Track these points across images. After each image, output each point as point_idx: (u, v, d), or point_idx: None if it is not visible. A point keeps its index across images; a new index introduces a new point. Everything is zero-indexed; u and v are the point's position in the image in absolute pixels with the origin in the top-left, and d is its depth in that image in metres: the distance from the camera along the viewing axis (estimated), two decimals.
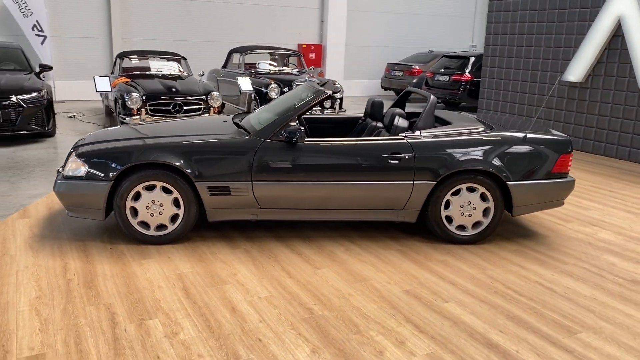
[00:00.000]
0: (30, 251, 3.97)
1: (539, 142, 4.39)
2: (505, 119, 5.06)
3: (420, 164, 4.21)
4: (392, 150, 4.21)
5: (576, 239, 4.60)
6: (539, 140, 4.40)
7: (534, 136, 4.42)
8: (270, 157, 4.12)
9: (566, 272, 3.93)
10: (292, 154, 4.14)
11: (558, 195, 4.46)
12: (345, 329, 3.05)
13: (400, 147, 4.22)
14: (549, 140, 4.42)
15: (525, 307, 3.36)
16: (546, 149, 4.37)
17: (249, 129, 4.34)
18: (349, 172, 4.16)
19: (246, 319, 3.11)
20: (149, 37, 13.42)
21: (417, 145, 4.24)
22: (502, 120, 4.96)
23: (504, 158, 4.27)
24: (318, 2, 15.41)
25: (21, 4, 11.80)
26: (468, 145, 4.28)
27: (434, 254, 4.18)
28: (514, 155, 4.30)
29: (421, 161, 4.21)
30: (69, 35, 12.69)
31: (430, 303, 3.38)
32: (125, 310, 3.17)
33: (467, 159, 4.23)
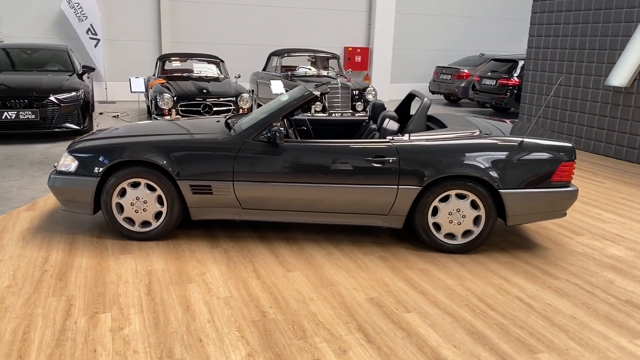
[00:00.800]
0: (21, 242, 4.15)
1: (537, 148, 4.14)
2: (515, 125, 4.81)
3: (405, 168, 4.06)
4: (375, 153, 4.09)
5: (580, 253, 4.29)
6: (536, 146, 4.15)
7: (532, 142, 4.17)
8: (251, 158, 4.11)
9: (554, 287, 3.67)
10: (273, 155, 4.10)
11: (558, 205, 4.18)
12: (292, 333, 2.98)
13: (384, 151, 4.10)
14: (548, 147, 4.16)
15: (492, 323, 3.16)
16: (545, 156, 4.11)
17: (236, 129, 4.35)
18: (330, 174, 4.08)
19: (195, 319, 3.10)
20: (196, 41, 13.80)
21: (403, 149, 4.10)
22: (509, 125, 4.71)
23: (496, 164, 4.06)
24: (366, 4, 15.31)
25: (77, 9, 12.43)
26: (457, 150, 4.09)
27: (416, 262, 4.02)
28: (507, 162, 4.07)
29: (406, 165, 4.06)
30: (121, 39, 13.25)
31: (391, 312, 3.25)
32: (84, 302, 3.25)
33: (455, 165, 4.04)
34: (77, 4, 12.43)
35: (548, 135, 4.39)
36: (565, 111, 9.13)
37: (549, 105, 9.44)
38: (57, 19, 12.67)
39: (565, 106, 9.13)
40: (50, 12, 12.61)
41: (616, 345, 2.98)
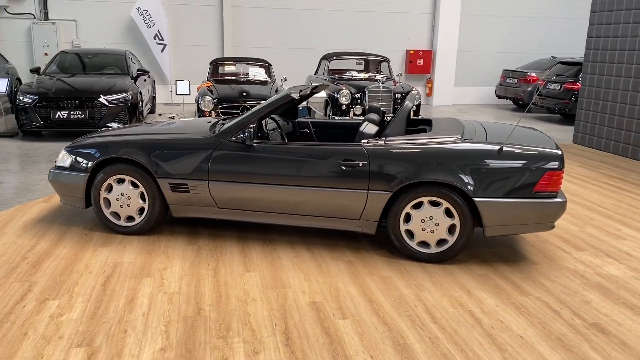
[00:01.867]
0: (19, 231, 4.49)
1: (518, 156, 3.88)
2: (513, 130, 4.55)
3: (375, 173, 3.97)
4: (345, 156, 4.03)
5: (570, 270, 3.98)
6: (518, 153, 3.89)
7: (513, 149, 3.92)
8: (225, 158, 4.19)
9: (517, 304, 3.43)
10: (246, 156, 4.16)
11: (541, 217, 3.89)
12: (215, 332, 3.01)
13: (354, 154, 4.03)
14: (531, 154, 3.89)
15: (426, 336, 3.02)
16: (527, 164, 3.85)
17: (217, 130, 4.45)
18: (300, 176, 4.07)
19: (132, 311, 3.22)
20: (256, 45, 14.17)
21: (373, 153, 4.01)
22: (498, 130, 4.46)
23: (472, 171, 3.86)
24: (429, 6, 14.99)
25: (145, 15, 13.19)
26: (430, 155, 3.93)
27: (382, 268, 3.91)
28: (484, 169, 3.86)
29: (376, 169, 3.97)
30: (186, 44, 13.88)
31: (326, 318, 3.19)
32: (42, 289, 3.47)
33: (427, 170, 3.89)
34: (146, 11, 13.18)
35: (541, 142, 4.11)
36: (623, 118, 8.44)
37: (606, 111, 8.77)
38: (128, 25, 13.50)
39: (622, 112, 8.45)
40: (122, 19, 13.47)
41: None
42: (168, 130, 4.64)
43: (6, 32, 13.06)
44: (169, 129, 4.70)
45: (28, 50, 13.20)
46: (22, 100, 8.36)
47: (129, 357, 2.76)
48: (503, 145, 3.94)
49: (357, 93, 9.63)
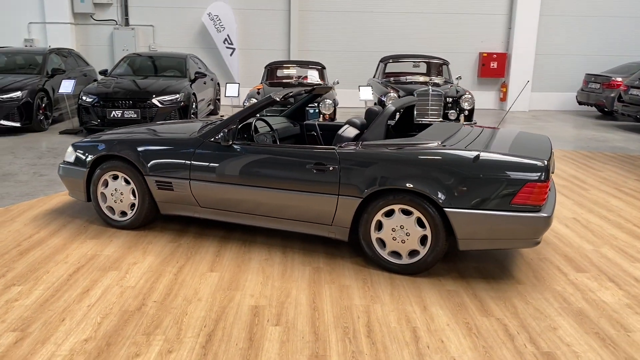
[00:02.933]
0: (28, 220, 4.84)
1: (496, 165, 3.59)
2: (514, 137, 4.24)
3: (345, 178, 3.85)
4: (317, 160, 3.94)
5: (554, 293, 3.62)
6: (495, 163, 3.60)
7: (490, 157, 3.63)
8: (205, 158, 4.25)
9: (470, 325, 3.17)
10: (222, 156, 4.19)
11: (521, 232, 3.57)
12: (143, 328, 3.06)
13: (325, 158, 3.93)
14: (510, 164, 3.58)
15: (350, 350, 2.88)
16: (505, 174, 3.55)
17: (202, 130, 4.52)
18: (273, 178, 4.04)
19: (81, 301, 3.35)
20: (321, 49, 14.24)
21: (345, 157, 3.88)
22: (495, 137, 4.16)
23: (445, 180, 3.62)
24: (506, 7, 14.29)
25: (216, 20, 13.72)
26: (402, 161, 3.74)
27: (346, 277, 3.77)
28: (458, 178, 3.61)
29: (346, 174, 3.85)
30: (254, 48, 14.26)
31: (259, 323, 3.14)
32: (15, 275, 3.71)
33: (397, 177, 3.71)
34: (217, 16, 13.71)
35: (533, 151, 3.77)
36: None
37: None
38: (200, 30, 14.10)
39: None
40: (194, 24, 14.09)
41: None
42: (164, 130, 4.79)
43: (92, 37, 14.12)
44: (166, 129, 4.84)
45: (109, 54, 14.18)
46: (84, 100, 9.00)
47: (52, 344, 2.88)
48: (479, 152, 3.66)
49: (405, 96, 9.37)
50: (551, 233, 4.76)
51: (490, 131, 4.49)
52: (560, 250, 4.37)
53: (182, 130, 4.73)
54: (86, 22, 14.03)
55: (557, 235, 4.70)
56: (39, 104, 9.49)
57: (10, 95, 9.04)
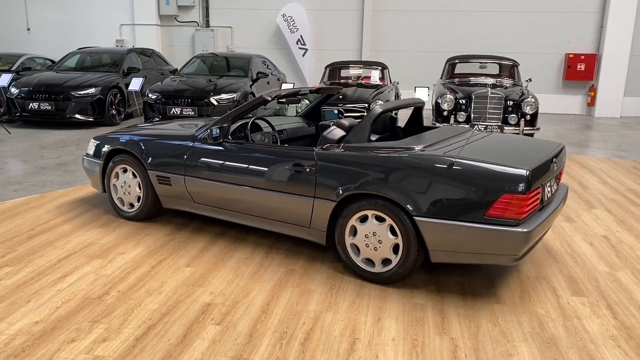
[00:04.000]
0: (53, 207, 5.20)
1: (471, 173, 3.33)
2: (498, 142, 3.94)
3: (321, 180, 3.76)
4: (296, 160, 3.88)
5: (533, 316, 3.30)
6: (470, 171, 3.34)
7: (466, 164, 3.37)
8: (197, 155, 4.34)
9: (418, 342, 2.97)
10: (214, 154, 4.25)
11: (496, 247, 3.29)
12: (93, 316, 3.18)
13: (304, 159, 3.86)
14: (485, 172, 3.30)
15: (276, 356, 2.81)
16: (480, 183, 3.29)
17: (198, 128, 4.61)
18: (257, 177, 4.04)
19: (55, 285, 3.55)
20: (394, 49, 14.00)
21: (322, 159, 3.79)
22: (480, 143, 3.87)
23: (417, 186, 3.42)
24: (597, 5, 13.23)
25: (289, 21, 13.95)
26: (375, 166, 3.59)
27: (316, 282, 3.69)
28: (431, 185, 3.40)
29: (322, 176, 3.76)
30: (326, 48, 14.32)
31: (202, 321, 3.15)
32: (13, 257, 4.00)
33: (369, 181, 3.57)
34: (290, 17, 13.93)
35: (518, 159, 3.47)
36: None
37: None
38: (274, 31, 14.41)
39: None
40: (270, 26, 14.41)
41: None
42: (171, 127, 4.94)
43: (175, 38, 14.91)
44: (173, 126, 4.99)
45: (191, 54, 14.88)
46: (149, 97, 9.52)
47: (5, 323, 3.08)
48: (454, 159, 3.41)
49: (463, 99, 8.97)
50: (568, 250, 4.34)
51: (495, 136, 4.18)
52: (567, 269, 3.97)
53: (183, 127, 4.85)
54: (170, 24, 14.83)
55: (573, 253, 4.28)
56: (111, 100, 10.18)
57: (85, 91, 9.77)
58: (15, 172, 6.57)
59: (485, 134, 4.29)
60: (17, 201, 5.38)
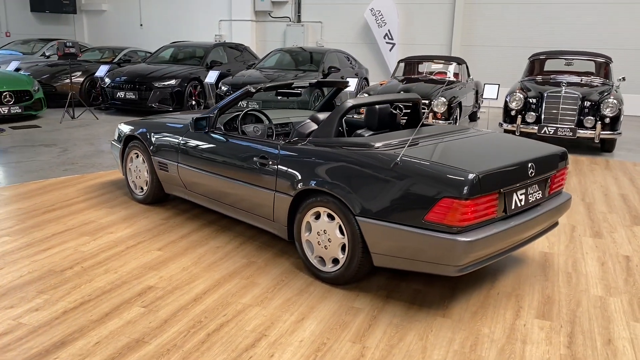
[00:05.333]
0: (84, 186, 5.64)
1: (414, 173, 3.09)
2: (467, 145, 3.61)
3: (281, 173, 3.72)
4: (261, 153, 3.87)
5: (471, 336, 2.99)
6: (413, 171, 3.10)
7: (410, 164, 3.14)
8: (187, 144, 4.48)
9: (322, 347, 2.84)
10: (200, 143, 4.37)
11: (434, 255, 3.03)
12: (43, 287, 3.42)
13: (269, 152, 3.83)
14: (427, 173, 3.05)
15: (173, 345, 2.83)
16: (420, 184, 3.05)
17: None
18: (229, 168, 4.09)
19: (31, 257, 3.87)
20: (486, 44, 13.26)
21: (284, 153, 3.74)
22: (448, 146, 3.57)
23: (361, 185, 3.26)
24: None
25: (377, 15, 13.78)
26: (327, 161, 3.47)
27: (265, 277, 3.65)
28: (374, 184, 3.22)
29: (282, 171, 3.71)
30: (414, 43, 13.94)
31: (129, 302, 3.26)
32: (17, 229, 4.42)
33: (318, 177, 3.46)
34: (379, 11, 13.76)
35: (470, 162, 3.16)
36: None
37: None
38: (362, 25, 14.31)
39: None
40: (358, 20, 14.33)
41: None
42: (179, 117, 5.13)
43: (268, 33, 15.37)
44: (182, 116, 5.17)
45: None
46: (221, 89, 9.95)
47: None
48: (399, 157, 3.19)
49: (534, 98, 8.28)
50: (568, 268, 3.87)
51: (487, 136, 3.85)
52: (551, 289, 3.55)
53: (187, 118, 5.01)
54: (264, 20, 15.31)
55: (572, 272, 3.81)
56: (190, 92, 10.77)
57: (165, 83, 10.44)
58: (76, 153, 7.21)
59: (477, 134, 3.95)
60: (58, 179, 5.91)
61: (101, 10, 16.98)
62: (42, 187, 5.60)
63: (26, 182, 5.79)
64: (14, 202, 5.07)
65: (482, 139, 3.77)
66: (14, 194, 5.33)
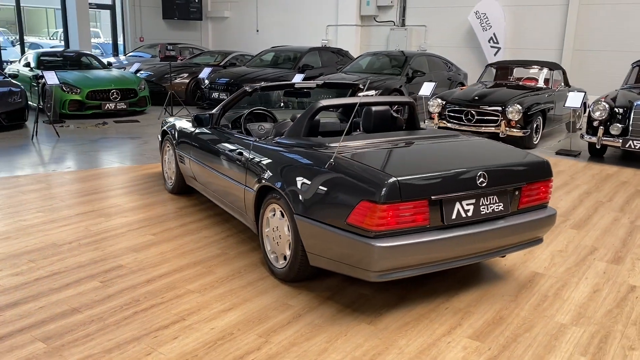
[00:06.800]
0: (131, 176, 6.22)
1: (342, 173, 3.07)
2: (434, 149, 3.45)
3: (249, 169, 3.86)
4: (239, 149, 4.04)
5: (381, 352, 2.90)
6: (343, 171, 3.07)
7: (341, 164, 3.11)
8: (197, 138, 4.78)
9: (227, 337, 2.92)
10: (203, 139, 4.65)
11: (353, 259, 2.97)
12: (34, 256, 3.91)
13: (244, 147, 4.00)
14: (353, 175, 3.01)
15: (95, 316, 3.11)
16: (346, 186, 3.02)
17: None
18: (220, 162, 4.30)
19: (47, 231, 4.40)
20: (602, 49, 12.09)
21: (254, 149, 3.88)
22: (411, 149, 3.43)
23: (301, 183, 3.30)
24: None
25: (482, 18, 13.22)
26: (278, 159, 3.56)
27: (225, 268, 3.80)
28: (311, 182, 3.23)
29: (250, 166, 3.85)
30: (522, 47, 13.13)
31: (92, 277, 3.60)
32: (51, 208, 5.04)
33: (271, 174, 3.55)
34: (484, 14, 13.19)
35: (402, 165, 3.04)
36: None
37: None
38: (467, 29, 13.80)
39: None
40: (462, 24, 13.85)
41: None
42: None
43: (373, 38, 15.44)
44: None
45: None
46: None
47: None
48: (332, 158, 3.16)
49: (621, 107, 7.44)
50: (549, 290, 3.52)
51: (467, 141, 3.66)
52: (510, 310, 3.26)
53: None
54: (369, 24, 15.40)
55: (548, 295, 3.46)
56: None
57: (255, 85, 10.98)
58: (149, 146, 7.92)
59: (459, 140, 3.74)
60: (115, 167, 6.57)
61: (224, 17, 18.26)
62: (99, 174, 6.27)
63: (90, 168, 6.51)
64: (66, 185, 5.77)
65: (452, 145, 3.57)
66: (72, 178, 6.05)
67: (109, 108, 10.32)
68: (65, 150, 7.44)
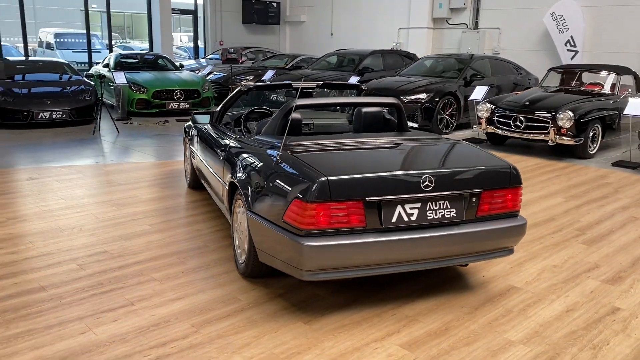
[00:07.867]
0: (162, 170, 6.55)
1: (284, 172, 3.10)
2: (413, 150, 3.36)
3: (226, 165, 3.97)
4: (221, 145, 4.16)
5: (300, 353, 2.88)
6: (284, 170, 3.10)
7: (285, 163, 3.13)
8: (200, 135, 4.97)
9: (160, 320, 3.04)
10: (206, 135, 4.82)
11: (285, 255, 2.98)
12: (39, 238, 4.26)
13: (224, 144, 4.11)
14: (289, 174, 3.03)
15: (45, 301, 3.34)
16: (285, 184, 3.04)
17: None
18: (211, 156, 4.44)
19: (59, 215, 4.78)
20: None
21: (230, 146, 3.98)
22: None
23: (255, 180, 3.35)
24: None
25: (559, 20, 12.48)
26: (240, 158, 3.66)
27: (197, 260, 3.91)
28: (261, 179, 3.28)
29: (226, 162, 3.96)
30: (603, 51, 12.23)
31: (76, 258, 3.87)
32: (74, 195, 5.44)
33: (236, 171, 3.63)
34: (561, 15, 12.45)
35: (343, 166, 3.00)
36: None
37: None
38: (542, 32, 13.08)
39: None
40: (537, 27, 13.14)
41: None
42: None
43: (445, 41, 15.05)
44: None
45: None
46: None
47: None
48: (277, 156, 3.17)
49: None
50: (513, 307, 3.30)
51: (438, 146, 3.55)
52: (456, 322, 3.10)
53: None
54: (441, 27, 15.04)
55: (511, 312, 3.25)
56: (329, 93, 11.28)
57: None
58: None
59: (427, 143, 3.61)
60: (145, 162, 6.93)
61: (300, 21, 18.61)
62: (130, 168, 6.66)
63: (126, 162, 6.93)
64: (100, 176, 6.19)
65: (412, 148, 3.45)
66: (108, 170, 6.47)
67: (173, 107, 10.89)
68: (119, 145, 7.97)
